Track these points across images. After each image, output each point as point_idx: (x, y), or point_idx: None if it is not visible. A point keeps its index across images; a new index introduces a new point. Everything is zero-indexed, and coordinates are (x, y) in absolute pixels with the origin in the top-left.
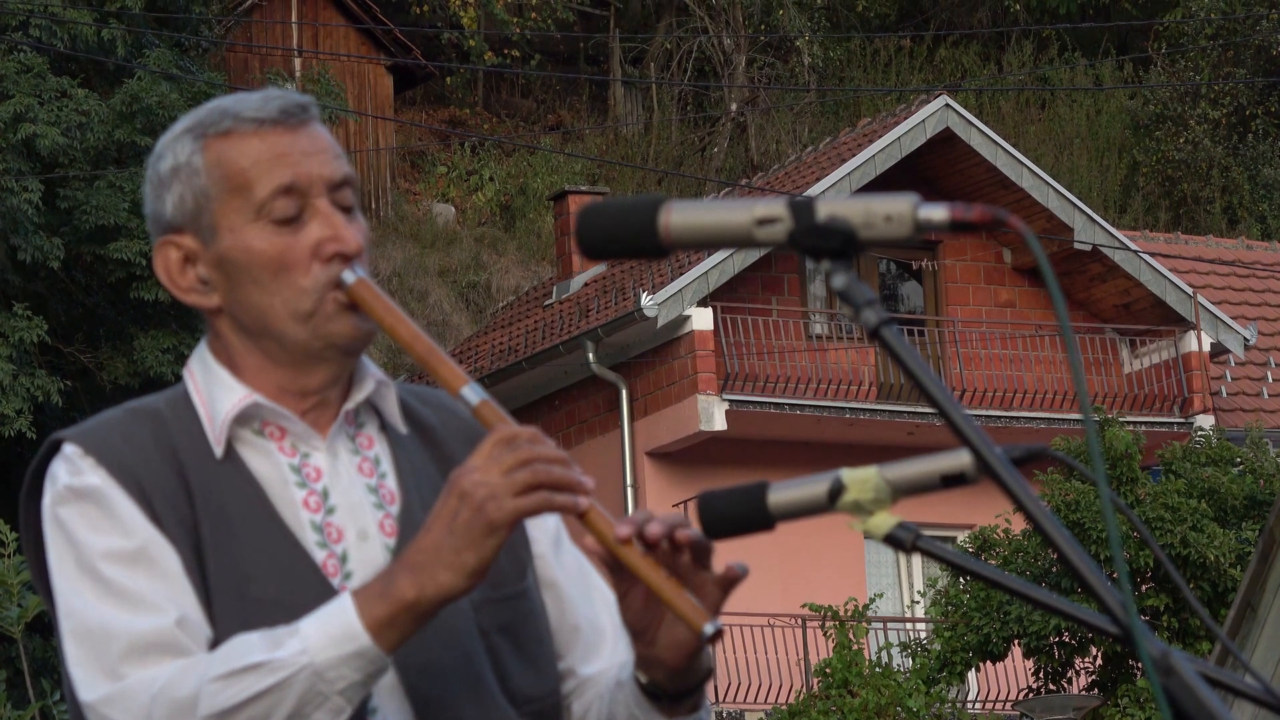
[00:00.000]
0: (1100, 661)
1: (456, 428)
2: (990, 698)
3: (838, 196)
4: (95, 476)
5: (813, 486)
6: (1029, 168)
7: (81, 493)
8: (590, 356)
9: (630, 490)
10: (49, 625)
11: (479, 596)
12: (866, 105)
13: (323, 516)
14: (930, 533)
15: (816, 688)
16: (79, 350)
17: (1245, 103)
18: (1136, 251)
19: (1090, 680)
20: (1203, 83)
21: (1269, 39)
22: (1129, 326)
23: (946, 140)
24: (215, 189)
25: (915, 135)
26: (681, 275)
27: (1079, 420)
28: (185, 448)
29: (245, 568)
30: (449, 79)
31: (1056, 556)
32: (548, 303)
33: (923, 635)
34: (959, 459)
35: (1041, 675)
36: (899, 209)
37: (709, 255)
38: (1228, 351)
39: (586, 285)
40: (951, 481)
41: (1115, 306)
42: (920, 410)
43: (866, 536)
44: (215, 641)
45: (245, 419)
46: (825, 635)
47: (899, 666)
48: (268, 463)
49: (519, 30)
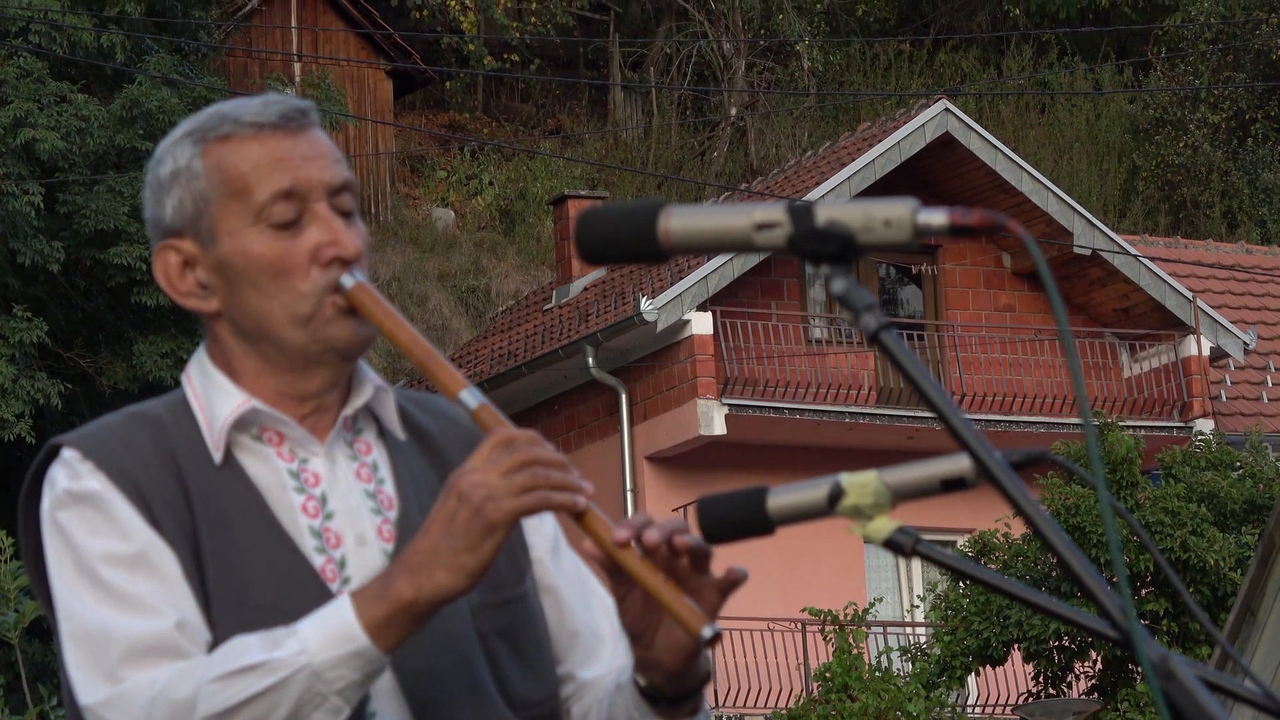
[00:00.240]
0: (1100, 666)
1: (455, 434)
2: (990, 702)
3: (837, 201)
4: (94, 481)
5: (812, 491)
6: (1028, 172)
7: (81, 497)
8: (590, 361)
9: (630, 495)
10: (47, 630)
11: (477, 601)
12: (866, 110)
13: (321, 522)
14: (930, 537)
15: (816, 692)
16: (78, 355)
17: (1245, 107)
18: (1136, 256)
19: (1090, 684)
20: (1202, 87)
21: (1268, 43)
22: (1129, 331)
23: (946, 145)
24: (215, 193)
25: (915, 140)
26: (681, 280)
27: (1078, 425)
28: (184, 453)
29: (244, 573)
30: (449, 84)
31: (1056, 561)
32: (547, 307)
33: (922, 639)
34: (958, 463)
35: (1041, 679)
36: (898, 214)
37: (708, 260)
38: (1227, 356)
39: (586, 290)
40: (951, 486)
41: (1115, 311)
42: (920, 414)
43: (866, 541)
44: (214, 646)
45: (244, 424)
46: (825, 639)
47: (899, 671)
48: (266, 468)
49: (519, 35)
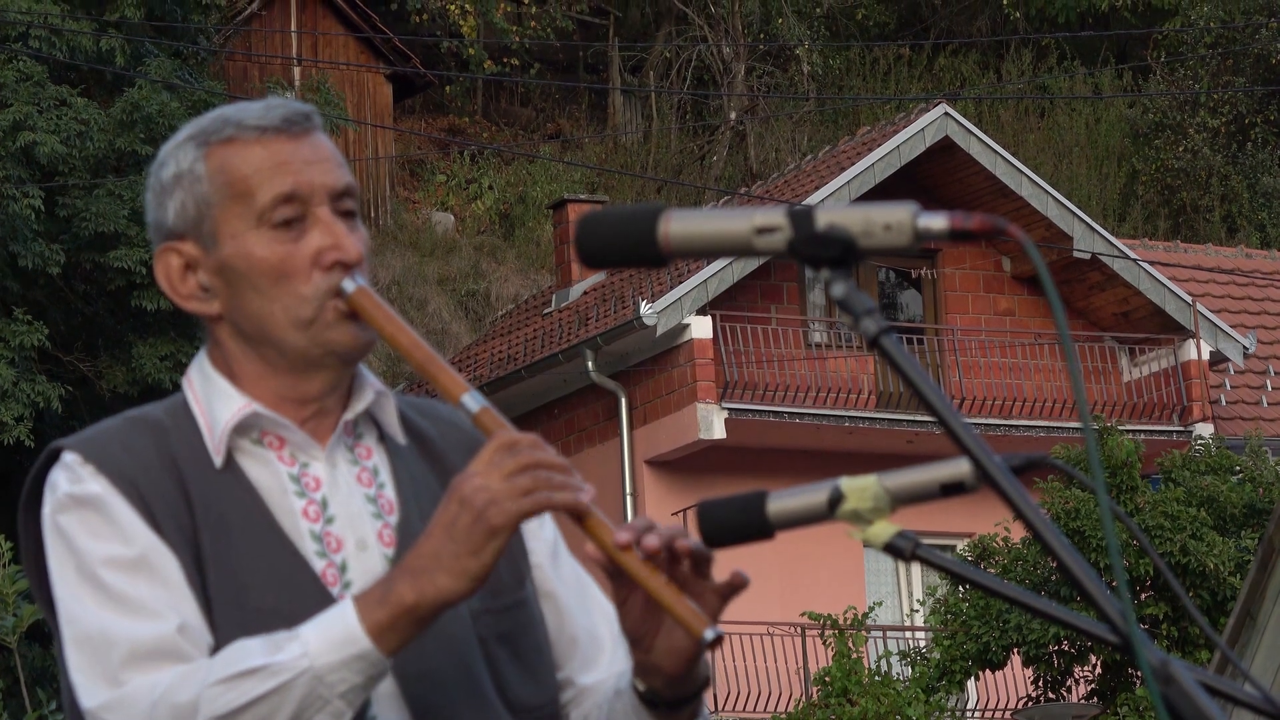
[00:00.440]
0: (1099, 670)
1: (456, 439)
2: (989, 706)
3: (837, 205)
4: (95, 484)
5: (812, 495)
6: (1028, 176)
7: (82, 500)
8: (589, 365)
9: (629, 499)
10: (46, 635)
11: (478, 606)
12: (866, 114)
13: (322, 526)
14: (929, 541)
15: (816, 696)
16: (78, 358)
17: (1244, 111)
18: (1136, 260)
19: (1090, 689)
20: (1202, 91)
21: (1268, 47)
22: (1128, 335)
23: (946, 149)
24: (217, 196)
25: (914, 144)
26: (681, 284)
27: (1078, 429)
28: (185, 457)
29: (245, 577)
30: (448, 88)
31: (1056, 565)
32: (547, 311)
33: (922, 644)
34: (958, 467)
35: (1041, 684)
36: (898, 218)
37: (708, 264)
38: (1227, 360)
39: (586, 294)
40: (951, 490)
41: (1114, 315)
42: (919, 419)
43: (866, 545)
44: (215, 650)
45: (244, 429)
46: (825, 644)
47: (898, 675)
48: (267, 472)
49: (518, 39)
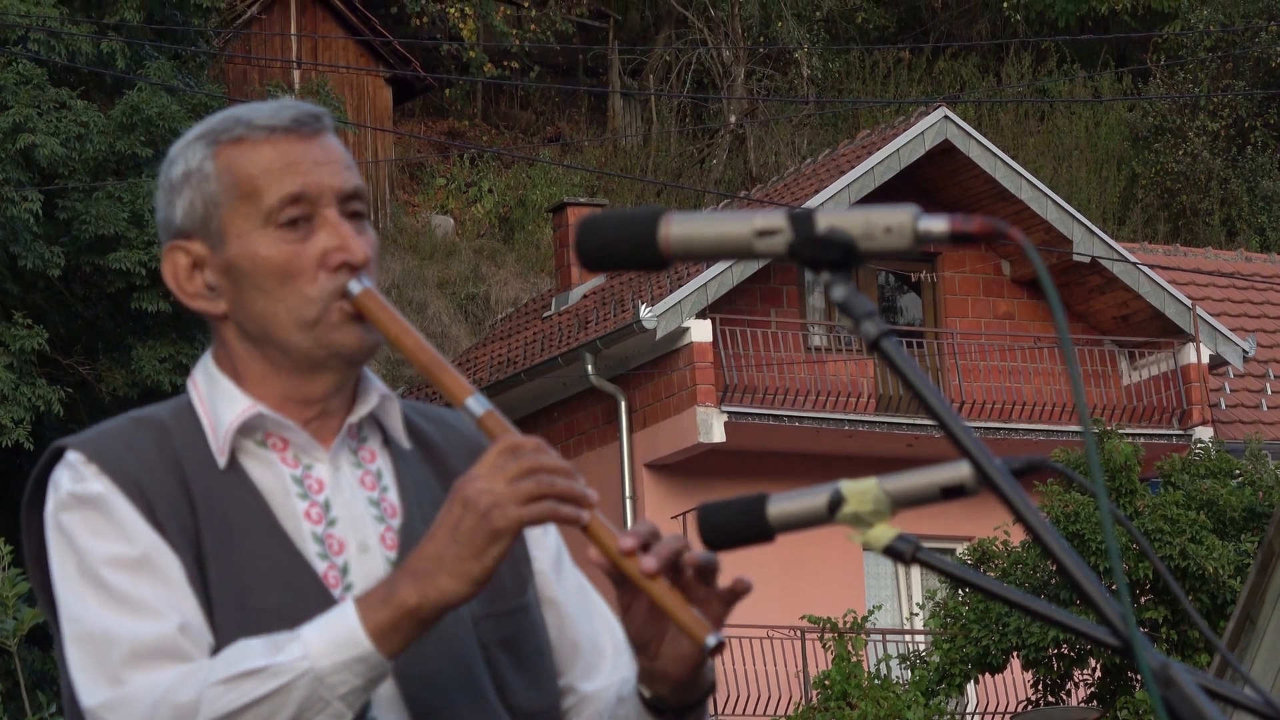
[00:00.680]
0: (1099, 673)
1: (459, 443)
2: (989, 710)
3: (837, 208)
4: (98, 483)
5: (812, 498)
6: (1028, 180)
7: (84, 499)
8: (589, 368)
9: (629, 502)
10: (46, 638)
11: (479, 610)
12: (865, 117)
13: (324, 528)
14: (929, 544)
15: (815, 700)
16: (78, 361)
17: (1244, 115)
18: (1135, 263)
19: (1089, 692)
20: (1201, 95)
21: (1268, 51)
22: (1128, 338)
23: (945, 152)
24: (225, 195)
25: (914, 147)
26: (680, 287)
27: (1078, 432)
28: (188, 457)
29: (246, 578)
30: (448, 91)
31: (1056, 568)
32: (546, 314)
33: (922, 647)
34: (958, 471)
35: (1040, 687)
36: (899, 221)
37: (707, 267)
38: (1226, 363)
39: (585, 297)
40: (951, 493)
41: (1114, 318)
42: (919, 422)
43: (866, 548)
44: (216, 650)
45: (248, 430)
46: (824, 647)
47: (898, 678)
48: (270, 473)
49: (518, 42)
